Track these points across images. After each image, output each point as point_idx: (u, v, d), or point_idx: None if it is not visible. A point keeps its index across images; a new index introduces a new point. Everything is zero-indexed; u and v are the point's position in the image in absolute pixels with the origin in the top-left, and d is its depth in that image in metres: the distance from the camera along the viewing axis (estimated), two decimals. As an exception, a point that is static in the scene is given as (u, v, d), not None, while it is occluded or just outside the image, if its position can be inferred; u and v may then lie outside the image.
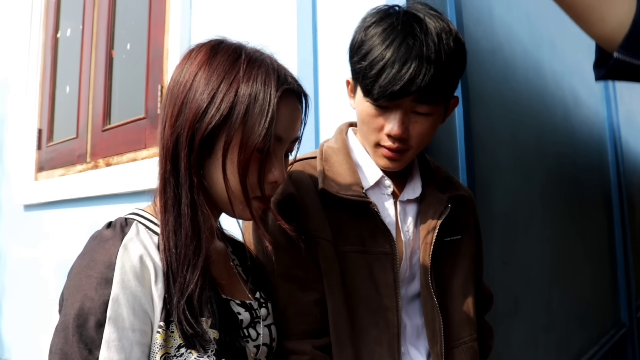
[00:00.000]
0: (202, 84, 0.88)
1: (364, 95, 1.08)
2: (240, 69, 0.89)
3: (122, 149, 2.52)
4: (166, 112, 0.91)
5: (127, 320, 0.82)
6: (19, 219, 3.29)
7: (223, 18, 2.07)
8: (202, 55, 0.91)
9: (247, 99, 0.87)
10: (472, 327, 1.21)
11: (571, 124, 3.54)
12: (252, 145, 0.88)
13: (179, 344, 0.85)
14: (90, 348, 0.79)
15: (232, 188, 0.90)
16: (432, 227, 1.16)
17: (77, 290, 0.83)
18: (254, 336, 0.97)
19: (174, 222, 0.88)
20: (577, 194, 3.62)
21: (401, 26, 1.04)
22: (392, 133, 1.07)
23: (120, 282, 0.82)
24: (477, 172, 1.94)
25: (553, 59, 3.24)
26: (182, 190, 0.89)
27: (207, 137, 0.88)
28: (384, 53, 1.02)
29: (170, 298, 0.85)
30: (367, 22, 1.09)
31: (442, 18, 1.08)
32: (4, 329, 3.33)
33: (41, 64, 3.31)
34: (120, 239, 0.86)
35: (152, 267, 0.86)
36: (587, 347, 3.41)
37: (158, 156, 0.93)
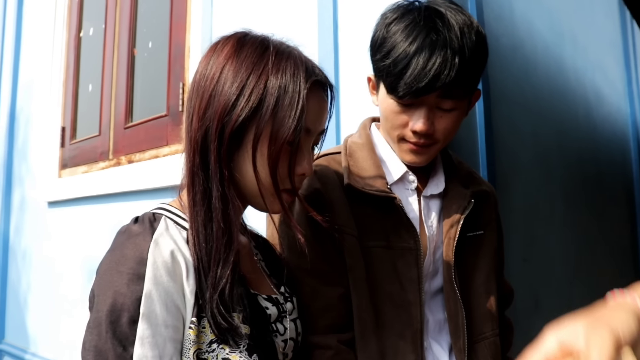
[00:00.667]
0: (231, 76, 0.88)
1: (388, 93, 1.07)
2: (268, 60, 0.89)
3: (144, 146, 2.55)
4: (193, 105, 0.90)
5: (160, 316, 0.81)
6: (43, 216, 3.35)
7: (244, 16, 2.09)
8: (229, 48, 0.91)
9: (277, 91, 0.87)
10: (494, 322, 1.21)
11: (593, 121, 3.51)
12: (282, 137, 0.87)
13: (211, 340, 0.85)
14: (124, 345, 0.79)
15: (263, 180, 0.89)
16: (456, 222, 1.16)
17: (109, 287, 0.82)
18: (282, 330, 0.97)
19: (203, 217, 0.87)
20: (599, 191, 3.58)
21: (423, 22, 1.03)
22: (418, 129, 1.07)
23: (152, 278, 0.81)
24: (497, 168, 1.94)
25: (575, 55, 3.21)
26: (212, 183, 0.88)
27: (237, 130, 0.87)
28: (407, 50, 1.02)
29: (202, 293, 0.84)
30: (388, 19, 1.08)
31: (463, 12, 1.08)
32: (30, 324, 3.40)
33: (64, 63, 3.36)
34: (150, 234, 0.85)
35: (184, 262, 0.85)
36: (609, 346, 3.38)
37: (184, 150, 0.92)
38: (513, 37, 2.29)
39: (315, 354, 1.06)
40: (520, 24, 2.40)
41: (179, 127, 2.34)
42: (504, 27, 2.20)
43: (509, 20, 2.27)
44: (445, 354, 1.17)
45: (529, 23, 2.52)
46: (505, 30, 2.21)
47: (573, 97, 3.13)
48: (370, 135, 1.22)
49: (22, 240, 3.58)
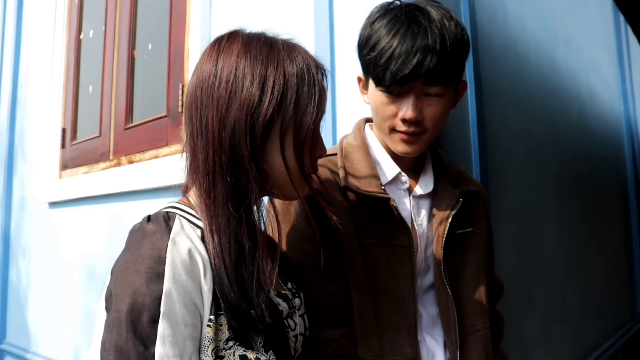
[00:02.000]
0: (249, 72, 0.89)
1: (376, 85, 1.13)
2: (280, 53, 0.91)
3: (145, 146, 2.59)
4: (205, 106, 0.90)
5: (179, 315, 0.81)
6: (44, 216, 3.38)
7: (242, 17, 2.13)
8: (238, 46, 0.92)
9: (296, 79, 0.90)
10: (485, 315, 1.25)
11: (586, 119, 3.56)
12: (306, 124, 0.90)
13: (228, 337, 0.86)
14: (145, 344, 0.79)
15: (292, 169, 0.91)
16: (444, 220, 1.20)
17: (127, 286, 0.81)
18: (293, 326, 0.98)
19: (226, 216, 0.87)
20: (592, 189, 3.63)
21: (405, 16, 1.10)
22: (407, 117, 1.11)
23: (171, 277, 0.81)
24: (490, 165, 1.98)
25: (568, 55, 3.26)
26: (248, 180, 0.88)
27: (268, 122, 0.88)
28: (391, 42, 1.08)
29: (221, 291, 0.84)
30: (372, 18, 1.15)
31: (442, 7, 1.14)
32: (32, 324, 3.43)
33: (64, 65, 3.39)
34: (166, 232, 0.85)
35: (201, 261, 0.85)
36: (602, 340, 3.43)
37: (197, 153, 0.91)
38: (506, 37, 2.34)
39: (320, 347, 1.11)
40: (513, 24, 2.45)
41: (178, 127, 2.37)
42: (497, 28, 2.25)
43: (502, 21, 2.31)
44: (439, 347, 1.22)
45: (522, 23, 2.57)
46: (498, 31, 2.25)
47: (566, 96, 3.18)
48: (364, 136, 1.27)
49: (23, 240, 3.61)
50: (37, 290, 3.42)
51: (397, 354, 1.13)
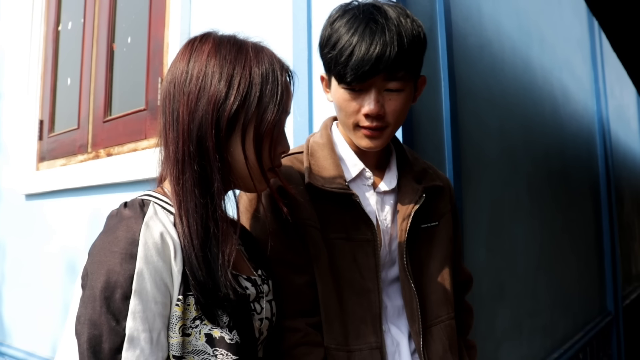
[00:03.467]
0: (217, 71, 0.96)
1: (338, 82, 1.16)
2: (248, 54, 0.98)
3: (123, 139, 2.59)
4: (177, 101, 0.97)
5: (150, 293, 0.88)
6: (20, 208, 3.36)
7: (222, 12, 2.15)
8: (208, 46, 0.99)
9: (260, 79, 0.97)
10: (449, 306, 1.30)
11: (560, 117, 3.63)
12: (267, 120, 0.97)
13: (195, 316, 0.92)
14: (117, 318, 0.85)
15: (251, 162, 0.98)
16: (407, 215, 1.25)
17: (102, 265, 0.88)
18: (259, 310, 1.04)
19: (196, 201, 0.94)
20: (564, 185, 3.71)
21: (363, 15, 1.14)
22: (370, 112, 1.15)
23: (144, 257, 0.88)
24: (463, 162, 2.03)
25: (542, 55, 3.32)
26: (212, 169, 0.95)
27: (232, 117, 0.95)
28: (351, 40, 1.12)
29: (191, 272, 0.91)
30: (332, 18, 1.19)
31: (399, 6, 1.18)
32: (6, 316, 3.41)
33: (42, 57, 3.37)
34: (141, 217, 0.91)
35: (172, 244, 0.91)
36: (572, 334, 3.52)
37: (167, 144, 0.99)
38: (480, 36, 2.39)
39: (286, 336, 1.15)
40: (488, 23, 2.50)
41: (157, 121, 2.38)
42: (472, 27, 2.29)
43: (477, 20, 2.36)
44: (404, 337, 1.26)
45: (497, 23, 2.62)
46: (472, 30, 2.30)
47: (540, 94, 3.24)
48: (330, 134, 1.32)
49: (-1, 232, 3.59)
50: (12, 283, 3.39)
51: (361, 343, 1.18)
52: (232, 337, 0.93)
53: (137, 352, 0.85)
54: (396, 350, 1.24)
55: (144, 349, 0.86)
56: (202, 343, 0.92)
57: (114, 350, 0.84)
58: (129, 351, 0.85)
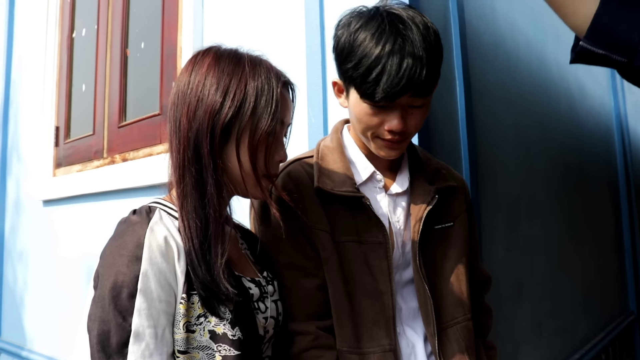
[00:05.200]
0: (215, 82, 1.02)
1: (362, 98, 1.13)
2: (245, 67, 1.04)
3: (138, 144, 2.61)
4: (180, 110, 1.03)
5: (154, 292, 0.94)
6: (38, 215, 3.40)
7: (234, 17, 2.15)
8: (208, 60, 1.05)
9: (255, 91, 1.02)
10: (465, 308, 1.28)
11: (576, 115, 3.59)
12: (260, 129, 1.02)
13: (199, 314, 0.98)
14: (124, 315, 0.92)
15: (245, 168, 1.03)
16: (419, 217, 1.24)
17: (111, 267, 0.95)
18: (263, 309, 1.09)
19: (194, 204, 1.00)
20: (582, 183, 3.66)
21: (389, 27, 1.10)
22: (394, 128, 1.14)
23: (148, 259, 0.94)
24: (480, 161, 2.01)
25: (557, 51, 3.28)
26: (206, 174, 1.01)
27: (226, 126, 1.01)
28: (379, 57, 1.08)
29: (194, 272, 0.97)
30: (352, 27, 1.14)
31: (416, 12, 1.15)
32: (27, 321, 3.44)
33: (57, 64, 3.41)
34: (146, 222, 0.98)
35: (175, 247, 0.98)
36: (593, 334, 3.47)
37: (172, 150, 1.05)
38: (495, 34, 2.37)
39: (297, 339, 1.16)
40: (502, 21, 2.48)
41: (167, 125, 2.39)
42: (486, 25, 2.27)
43: (491, 18, 2.34)
44: (419, 339, 1.25)
45: (511, 20, 2.60)
46: (487, 28, 2.28)
47: (556, 91, 3.21)
48: (340, 138, 1.31)
49: (18, 238, 3.62)
50: (32, 288, 3.43)
51: (375, 345, 1.17)
52: (234, 334, 0.99)
53: (143, 346, 0.92)
54: (412, 352, 1.23)
55: (149, 343, 0.92)
56: (207, 339, 0.98)
57: (121, 344, 0.91)
58: (134, 345, 0.91)
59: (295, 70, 1.74)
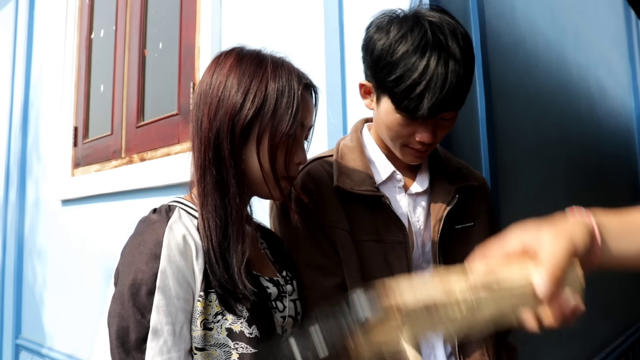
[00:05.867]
0: (236, 83, 1.02)
1: (400, 111, 1.11)
2: (267, 68, 1.04)
3: (156, 144, 2.62)
4: (202, 110, 1.04)
5: (173, 289, 0.95)
6: (57, 214, 3.43)
7: (252, 17, 2.15)
8: (231, 60, 1.05)
9: (276, 92, 1.02)
10: None
11: (596, 115, 3.55)
12: (281, 131, 1.02)
13: (216, 312, 0.99)
14: (143, 312, 0.93)
15: (265, 170, 1.03)
16: (440, 217, 1.23)
17: (131, 265, 0.96)
18: (281, 308, 1.09)
19: (214, 204, 1.01)
20: (603, 185, 3.62)
21: (432, 40, 1.07)
22: (426, 141, 1.14)
23: (167, 257, 0.95)
24: (499, 162, 1.99)
25: (577, 51, 3.25)
26: (227, 174, 1.02)
27: (245, 127, 1.02)
28: (423, 74, 1.06)
29: (212, 270, 0.98)
30: (393, 35, 1.10)
31: (454, 19, 1.13)
32: (46, 319, 3.48)
33: (76, 65, 3.44)
34: (166, 221, 0.99)
35: (194, 245, 0.99)
36: (613, 338, 3.42)
37: (193, 150, 1.06)
38: (514, 34, 2.34)
39: None
40: (522, 21, 2.45)
41: (190, 125, 2.40)
42: (505, 24, 2.25)
43: (510, 18, 2.32)
44: (439, 340, 1.24)
45: (531, 20, 2.57)
46: (506, 27, 2.26)
47: (575, 92, 3.17)
48: (360, 137, 1.30)
49: (37, 238, 3.66)
50: (51, 287, 3.46)
51: None
52: (251, 332, 0.99)
53: (161, 342, 0.93)
54: (431, 353, 1.22)
55: (167, 339, 0.94)
56: (224, 337, 0.99)
57: (140, 340, 0.93)
58: (153, 341, 0.93)
59: (315, 70, 1.73)
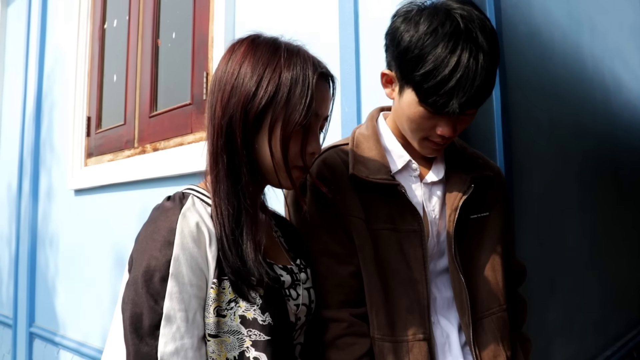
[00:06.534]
0: (249, 71, 1.01)
1: (424, 104, 1.11)
2: (281, 57, 1.02)
3: (169, 134, 2.63)
4: (215, 97, 1.04)
5: (186, 276, 0.95)
6: (70, 204, 3.45)
7: (266, 6, 2.14)
8: (244, 48, 1.05)
9: (290, 81, 1.01)
10: (501, 298, 1.27)
11: (611, 107, 3.51)
12: (294, 121, 1.00)
13: (230, 299, 0.99)
14: (156, 299, 0.94)
15: (277, 159, 1.02)
16: (455, 206, 1.22)
17: (144, 252, 0.97)
18: (295, 296, 1.09)
19: (227, 191, 1.01)
20: (617, 177, 3.59)
21: (465, 36, 1.06)
22: (447, 134, 1.14)
23: (180, 244, 0.96)
24: (514, 153, 1.98)
25: (593, 43, 3.21)
26: (240, 161, 1.02)
27: (258, 116, 1.01)
28: (455, 71, 1.05)
29: (225, 257, 0.98)
30: (423, 28, 1.08)
31: (482, 12, 1.11)
32: (59, 307, 3.51)
33: (89, 55, 3.44)
34: (179, 208, 1.00)
35: (207, 232, 0.99)
36: (626, 331, 3.40)
37: (208, 137, 1.05)
38: (530, 24, 2.32)
39: (331, 326, 1.16)
40: (537, 11, 2.43)
41: (203, 115, 2.40)
42: (521, 15, 2.23)
43: (526, 8, 2.30)
44: (454, 329, 1.24)
45: (546, 10, 2.54)
46: (522, 18, 2.24)
47: (590, 84, 3.14)
48: (376, 126, 1.30)
49: (50, 227, 3.69)
50: (64, 276, 3.49)
51: (409, 334, 1.16)
52: (264, 319, 0.99)
53: (174, 329, 0.93)
54: (446, 342, 1.22)
55: (180, 326, 0.94)
56: (237, 324, 0.98)
57: (153, 326, 0.93)
58: (166, 328, 0.93)
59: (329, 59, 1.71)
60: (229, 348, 0.98)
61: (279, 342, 1.01)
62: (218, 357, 0.98)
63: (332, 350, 1.14)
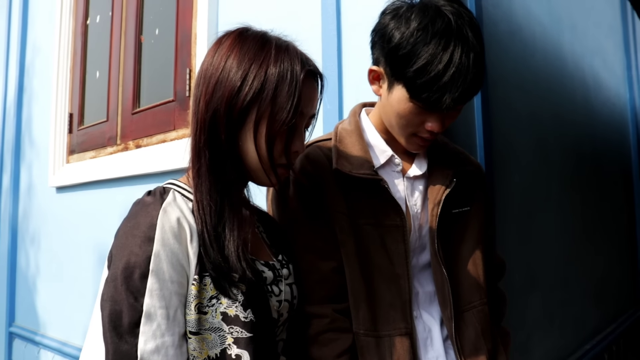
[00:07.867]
0: (235, 65, 0.99)
1: (416, 100, 1.11)
2: (269, 52, 1.00)
3: (152, 131, 2.61)
4: (200, 91, 1.02)
5: (166, 272, 0.94)
6: (51, 201, 3.42)
7: (250, 3, 2.14)
8: (231, 41, 1.03)
9: (276, 78, 0.99)
10: (481, 292, 1.28)
11: (591, 105, 3.56)
12: (280, 119, 0.99)
13: (211, 296, 0.97)
14: (136, 296, 0.92)
15: (261, 156, 1.01)
16: (438, 201, 1.24)
17: (124, 248, 0.95)
18: (277, 292, 1.08)
19: (209, 186, 0.99)
20: (596, 174, 3.64)
21: (456, 32, 1.07)
22: (436, 130, 1.15)
23: (160, 240, 0.94)
24: (494, 149, 2.00)
25: (573, 41, 3.26)
26: (223, 156, 1.01)
27: (243, 111, 0.99)
28: (447, 67, 1.06)
29: (206, 253, 0.96)
30: (413, 25, 1.09)
31: (467, 9, 1.13)
32: (40, 306, 3.48)
33: (71, 51, 3.41)
34: (160, 203, 0.97)
35: (188, 228, 0.97)
36: (605, 325, 3.46)
37: (190, 131, 1.04)
38: (511, 22, 2.35)
39: (313, 322, 1.16)
40: (519, 9, 2.45)
41: (186, 112, 2.40)
42: (502, 13, 2.25)
43: (507, 6, 2.32)
44: (436, 323, 1.25)
45: (527, 9, 2.57)
46: (503, 16, 2.26)
47: (571, 82, 3.18)
48: (359, 121, 1.30)
49: (31, 225, 3.65)
50: (45, 274, 3.46)
51: (391, 328, 1.17)
52: (246, 316, 0.98)
53: (154, 326, 0.92)
54: (428, 336, 1.24)
55: (161, 323, 0.92)
56: (219, 321, 0.97)
57: (133, 324, 0.91)
58: (146, 325, 0.91)
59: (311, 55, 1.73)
60: (211, 345, 0.97)
61: (261, 339, 1.00)
62: (199, 354, 0.96)
63: (315, 345, 1.15)
